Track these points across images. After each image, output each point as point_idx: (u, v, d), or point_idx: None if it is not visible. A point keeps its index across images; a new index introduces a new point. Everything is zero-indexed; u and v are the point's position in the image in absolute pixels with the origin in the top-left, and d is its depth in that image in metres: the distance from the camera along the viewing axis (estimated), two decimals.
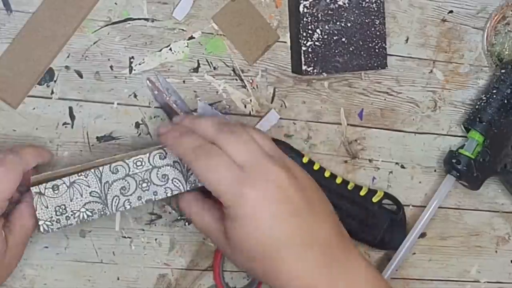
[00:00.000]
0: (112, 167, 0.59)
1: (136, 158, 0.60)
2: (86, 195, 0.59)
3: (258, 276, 0.57)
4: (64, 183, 0.59)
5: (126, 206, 0.60)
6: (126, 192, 0.60)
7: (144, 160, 0.60)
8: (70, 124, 0.66)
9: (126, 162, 0.60)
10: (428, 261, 0.76)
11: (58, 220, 0.59)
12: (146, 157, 0.60)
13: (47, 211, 0.58)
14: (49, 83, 0.65)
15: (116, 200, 0.60)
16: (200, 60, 0.68)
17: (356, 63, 0.69)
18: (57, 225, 0.59)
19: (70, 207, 0.59)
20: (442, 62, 0.74)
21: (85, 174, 0.59)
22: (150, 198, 0.61)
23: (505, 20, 0.75)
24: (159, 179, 0.60)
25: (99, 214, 0.59)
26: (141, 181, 0.60)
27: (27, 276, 0.66)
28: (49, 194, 0.58)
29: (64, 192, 0.59)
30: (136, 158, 0.60)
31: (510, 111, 0.72)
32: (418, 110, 0.74)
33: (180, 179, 0.61)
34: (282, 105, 0.71)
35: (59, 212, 0.59)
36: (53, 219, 0.59)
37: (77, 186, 0.59)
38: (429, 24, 0.74)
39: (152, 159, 0.60)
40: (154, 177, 0.60)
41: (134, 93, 0.67)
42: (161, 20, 0.67)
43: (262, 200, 0.54)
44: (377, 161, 0.74)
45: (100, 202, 0.59)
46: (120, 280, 0.69)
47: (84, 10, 0.65)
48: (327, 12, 0.68)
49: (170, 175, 0.61)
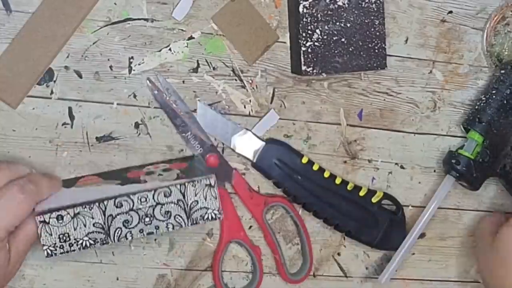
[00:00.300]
0: (116, 202, 0.61)
1: (141, 195, 0.61)
2: (89, 226, 0.61)
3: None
4: (68, 214, 0.60)
5: (128, 237, 0.62)
6: (129, 225, 0.62)
7: (149, 196, 0.62)
8: (70, 124, 0.66)
9: (131, 198, 0.61)
10: (427, 262, 0.76)
11: (61, 246, 0.61)
12: (151, 194, 0.62)
13: (51, 238, 0.60)
14: (49, 83, 0.65)
15: (118, 231, 0.61)
16: (200, 60, 0.68)
17: (356, 63, 0.69)
18: (60, 250, 0.61)
19: (74, 235, 0.61)
20: (442, 63, 0.74)
21: (90, 207, 0.60)
22: (152, 232, 0.62)
23: (505, 20, 0.75)
24: (162, 215, 0.62)
25: (101, 243, 0.61)
26: (144, 216, 0.62)
27: (26, 276, 0.66)
28: (54, 223, 0.60)
29: (68, 222, 0.60)
30: (141, 195, 0.61)
31: (510, 112, 0.72)
32: (418, 110, 0.74)
33: (182, 216, 0.63)
34: (282, 106, 0.71)
35: (62, 239, 0.60)
36: (56, 245, 0.60)
37: (81, 217, 0.61)
38: (428, 25, 0.74)
39: (157, 197, 0.62)
40: (157, 213, 0.62)
41: (133, 93, 0.67)
42: (161, 20, 0.67)
43: None
44: (377, 161, 0.74)
45: (103, 233, 0.61)
46: (119, 280, 0.69)
47: (83, 10, 0.65)
48: (327, 13, 0.68)
49: (173, 212, 0.62)
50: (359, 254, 0.74)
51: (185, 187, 0.62)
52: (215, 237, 0.70)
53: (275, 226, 0.72)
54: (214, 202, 0.63)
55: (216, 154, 0.68)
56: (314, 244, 0.73)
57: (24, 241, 0.60)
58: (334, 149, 0.73)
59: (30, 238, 0.60)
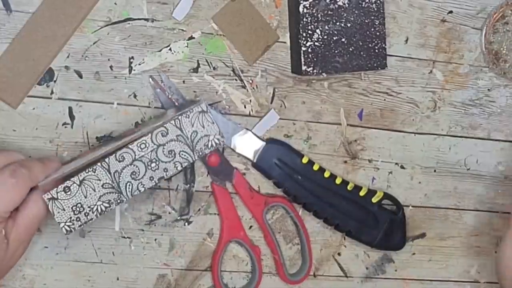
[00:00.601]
0: (117, 156, 0.59)
1: (139, 142, 0.59)
2: (99, 189, 0.59)
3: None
4: (74, 183, 0.58)
5: (140, 189, 0.60)
6: (137, 176, 0.60)
7: (147, 141, 0.60)
8: (70, 124, 0.66)
9: (130, 147, 0.59)
10: (427, 262, 0.76)
11: (77, 219, 0.59)
12: (148, 138, 0.60)
13: (64, 213, 0.59)
14: (49, 83, 0.65)
15: (129, 185, 0.60)
16: (200, 60, 0.68)
17: (356, 63, 0.69)
18: (78, 223, 0.59)
19: (86, 203, 0.59)
20: (442, 63, 0.74)
21: (93, 169, 0.59)
22: (162, 176, 0.60)
23: (504, 19, 0.75)
24: (166, 156, 0.60)
25: (116, 203, 0.60)
26: (150, 162, 0.60)
27: (26, 276, 0.66)
28: (62, 196, 0.58)
29: (76, 191, 0.59)
30: (139, 141, 0.59)
31: None
32: (418, 110, 0.74)
33: (186, 150, 0.61)
34: (282, 105, 0.71)
35: (76, 211, 0.59)
36: (72, 219, 0.59)
37: (87, 183, 0.59)
38: (428, 25, 0.74)
39: (155, 139, 0.60)
40: (161, 155, 0.60)
41: (134, 93, 0.67)
42: (161, 20, 0.67)
43: None
44: (377, 161, 0.74)
45: (114, 192, 0.59)
46: (119, 280, 0.69)
47: (84, 10, 0.65)
48: (327, 13, 0.68)
49: (176, 149, 0.60)
50: (359, 254, 0.74)
51: (179, 121, 0.60)
52: (215, 237, 0.70)
53: (275, 226, 0.72)
54: (213, 127, 0.61)
55: (217, 154, 0.68)
56: (314, 244, 0.73)
57: (24, 226, 0.58)
58: (334, 149, 0.73)
59: (32, 222, 0.59)
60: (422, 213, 0.75)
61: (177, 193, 0.69)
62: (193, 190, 0.69)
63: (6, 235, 0.58)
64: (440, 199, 0.76)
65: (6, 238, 0.58)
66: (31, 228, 0.59)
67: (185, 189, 0.69)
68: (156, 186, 0.68)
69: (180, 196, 0.69)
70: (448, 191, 0.76)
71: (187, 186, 0.69)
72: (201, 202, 0.70)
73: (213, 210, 0.70)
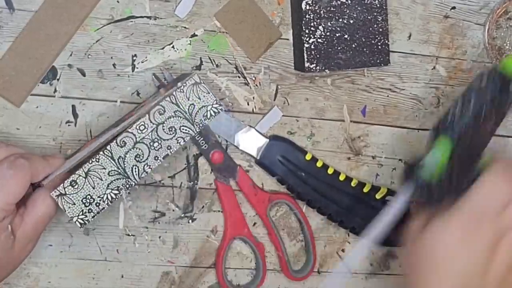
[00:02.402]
0: (119, 142, 0.59)
1: (138, 124, 0.59)
2: (105, 177, 0.59)
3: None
4: (80, 176, 0.59)
5: (147, 171, 0.60)
6: (142, 158, 0.60)
7: (146, 122, 0.60)
8: (73, 123, 0.66)
9: (129, 131, 0.59)
10: None
11: (89, 210, 0.59)
12: (146, 119, 0.60)
13: (75, 207, 0.59)
14: (52, 82, 0.65)
15: (135, 169, 0.60)
16: (203, 57, 0.68)
17: (359, 59, 0.69)
18: (90, 214, 0.59)
19: (96, 194, 0.59)
20: (445, 59, 0.74)
21: (96, 159, 0.59)
22: (167, 154, 0.61)
23: (507, 14, 0.75)
24: (167, 133, 0.60)
25: (125, 188, 0.60)
26: (152, 143, 0.60)
27: (31, 274, 0.67)
28: (70, 191, 0.58)
29: (84, 184, 0.59)
30: (138, 123, 0.59)
31: (483, 124, 0.61)
32: (421, 106, 0.74)
33: (186, 124, 0.61)
34: (285, 102, 0.71)
35: (87, 203, 0.59)
36: (84, 211, 0.59)
37: (93, 173, 0.59)
38: (431, 21, 0.73)
39: (153, 118, 0.60)
40: (162, 134, 0.60)
41: (137, 91, 0.67)
42: (164, 18, 0.67)
43: None
44: (381, 157, 0.74)
45: (122, 177, 0.60)
46: (124, 277, 0.69)
47: (86, 8, 0.65)
48: (330, 9, 0.68)
49: (176, 125, 0.60)
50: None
51: (175, 96, 0.60)
52: (219, 234, 0.70)
53: (279, 223, 0.72)
54: (209, 97, 0.61)
55: (221, 151, 0.68)
56: (318, 240, 0.73)
57: (32, 225, 0.58)
58: (337, 146, 0.73)
59: (40, 220, 0.58)
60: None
61: (180, 191, 0.69)
62: (197, 187, 0.69)
63: (13, 232, 0.57)
64: None
65: (13, 234, 0.57)
66: (39, 226, 0.59)
67: (189, 187, 0.69)
68: (160, 183, 0.68)
69: (183, 194, 0.69)
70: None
71: (191, 183, 0.69)
72: (205, 199, 0.70)
73: (217, 207, 0.70)
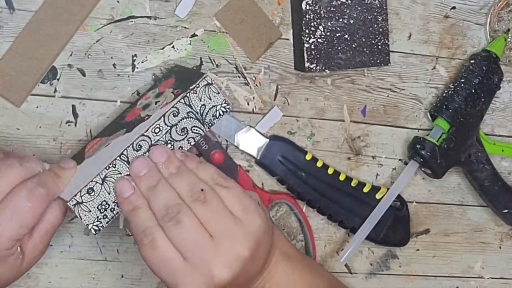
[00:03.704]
0: (135, 146, 0.59)
1: (153, 127, 0.59)
2: None
3: None
4: (97, 183, 0.58)
5: None
6: None
7: (161, 125, 0.59)
8: (74, 122, 0.66)
9: (145, 135, 0.59)
10: (432, 257, 0.76)
11: (104, 216, 0.58)
12: (161, 122, 0.59)
13: (90, 214, 0.58)
14: (52, 82, 0.65)
15: None
16: (203, 57, 0.68)
17: (359, 59, 0.69)
18: (105, 220, 0.59)
19: (111, 199, 0.58)
20: (445, 58, 0.74)
21: (113, 165, 0.58)
22: None
23: (509, 7, 0.75)
24: (180, 134, 0.60)
25: None
26: (165, 144, 0.60)
27: (31, 274, 0.67)
28: (87, 199, 0.57)
29: (100, 191, 0.58)
30: (153, 126, 0.59)
31: (477, 101, 0.72)
32: (421, 106, 0.74)
33: (197, 125, 0.61)
34: (285, 102, 0.71)
35: (102, 209, 0.58)
36: (99, 218, 0.58)
37: (110, 179, 0.58)
38: (431, 21, 0.73)
39: (168, 121, 0.60)
40: (175, 135, 0.60)
41: (137, 91, 0.67)
42: (164, 18, 0.67)
43: None
44: (381, 157, 0.74)
45: None
46: (124, 278, 0.69)
47: (86, 8, 0.65)
48: (330, 9, 0.68)
49: (188, 126, 0.61)
50: (363, 250, 0.74)
51: (188, 98, 0.60)
52: None
53: (279, 222, 0.72)
54: (219, 97, 0.61)
55: (221, 151, 0.68)
56: (318, 240, 0.73)
57: (41, 236, 0.57)
58: (338, 146, 0.73)
59: (49, 232, 0.58)
60: (426, 209, 0.75)
61: None
62: None
63: (22, 251, 0.57)
64: (444, 195, 0.76)
65: (22, 253, 0.57)
66: (48, 237, 0.58)
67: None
68: None
69: None
70: (452, 187, 0.76)
71: None
72: None
73: None
